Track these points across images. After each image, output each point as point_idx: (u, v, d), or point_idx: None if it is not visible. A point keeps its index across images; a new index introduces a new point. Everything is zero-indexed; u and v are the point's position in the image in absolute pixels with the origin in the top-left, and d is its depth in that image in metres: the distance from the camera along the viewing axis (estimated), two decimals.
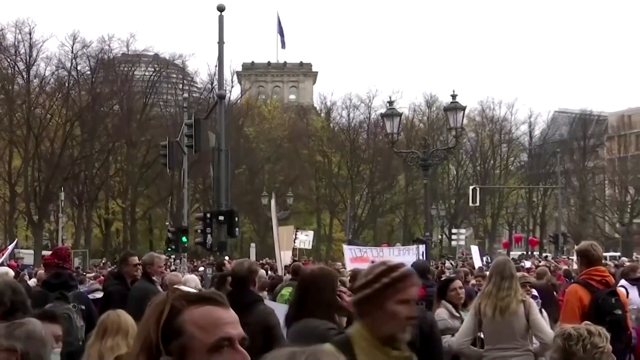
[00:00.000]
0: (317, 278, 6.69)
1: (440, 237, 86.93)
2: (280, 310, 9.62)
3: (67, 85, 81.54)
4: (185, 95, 71.69)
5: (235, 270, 9.25)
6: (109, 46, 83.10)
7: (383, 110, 36.62)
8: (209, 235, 27.64)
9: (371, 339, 4.37)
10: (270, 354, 2.11)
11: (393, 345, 4.37)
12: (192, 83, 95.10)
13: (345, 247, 30.39)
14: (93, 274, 25.11)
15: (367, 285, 4.39)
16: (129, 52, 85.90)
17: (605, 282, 9.23)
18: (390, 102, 34.97)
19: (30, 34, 77.27)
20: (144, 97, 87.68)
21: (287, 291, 14.65)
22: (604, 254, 26.23)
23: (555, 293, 15.48)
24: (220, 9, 30.20)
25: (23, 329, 4.97)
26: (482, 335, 8.70)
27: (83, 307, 10.26)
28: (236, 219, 28.94)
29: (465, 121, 41.71)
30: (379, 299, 4.36)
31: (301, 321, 6.30)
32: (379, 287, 4.33)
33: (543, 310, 11.10)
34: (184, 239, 37.45)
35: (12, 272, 13.60)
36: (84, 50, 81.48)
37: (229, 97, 70.61)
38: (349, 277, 12.34)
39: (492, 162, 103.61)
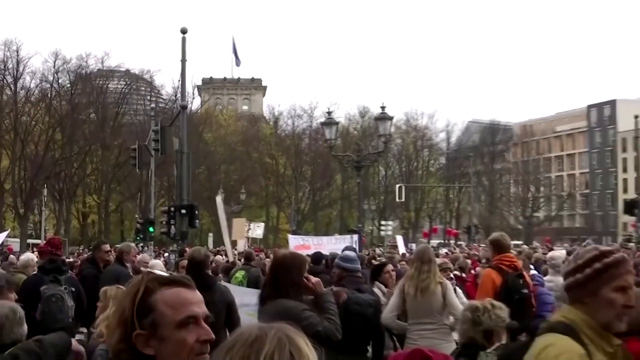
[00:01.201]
0: (288, 261, 6.66)
1: (371, 228, 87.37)
2: (234, 290, 9.59)
3: (49, 96, 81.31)
4: (153, 105, 70.99)
5: (193, 256, 9.25)
6: (86, 62, 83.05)
7: (323, 119, 36.70)
8: (172, 226, 27.56)
9: (595, 326, 3.90)
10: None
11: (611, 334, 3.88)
12: (158, 95, 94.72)
13: (290, 236, 30.39)
14: (71, 260, 24.89)
15: (578, 270, 3.95)
16: (104, 68, 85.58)
17: (513, 266, 9.39)
18: (329, 113, 35.06)
19: (17, 51, 76.90)
20: (117, 107, 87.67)
21: (240, 274, 14.68)
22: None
23: (463, 274, 15.63)
24: (183, 31, 30.26)
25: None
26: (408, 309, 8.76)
27: (73, 289, 10.26)
28: (196, 212, 28.88)
29: (392, 129, 41.87)
30: (592, 285, 3.91)
31: (276, 301, 6.27)
32: (591, 273, 3.90)
33: (457, 288, 11.20)
34: (151, 229, 37.39)
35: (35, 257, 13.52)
36: (64, 66, 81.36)
37: (191, 108, 70.48)
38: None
39: (415, 164, 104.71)
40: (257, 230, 44.64)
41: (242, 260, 18.06)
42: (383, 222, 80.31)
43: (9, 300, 6.24)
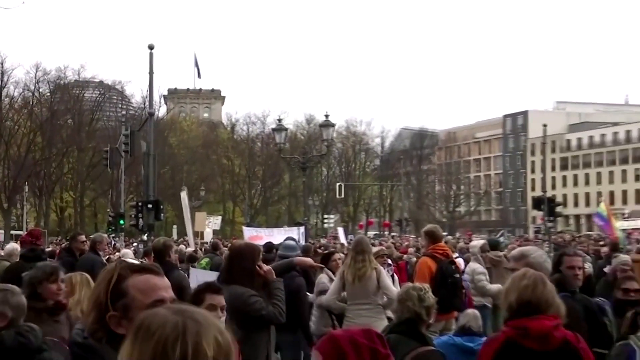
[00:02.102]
0: (244, 250, 6.71)
1: (315, 221, 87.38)
2: (201, 274, 9.60)
3: (31, 103, 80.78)
4: (123, 112, 70.59)
5: (155, 246, 9.50)
6: (64, 74, 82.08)
7: (274, 126, 36.61)
8: (140, 219, 27.55)
9: None
10: (154, 313, 2.09)
11: None
12: (128, 103, 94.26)
13: (245, 228, 30.29)
14: (50, 249, 24.60)
15: None
16: (80, 79, 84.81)
17: (446, 254, 9.57)
18: (279, 120, 35.04)
19: (2, 63, 76.05)
20: (91, 114, 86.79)
21: (204, 261, 14.88)
22: None
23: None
24: (151, 47, 30.22)
25: (15, 298, 4.88)
26: (345, 294, 8.82)
27: None
28: (161, 207, 29.06)
29: (334, 134, 41.92)
30: None
31: (230, 286, 6.24)
32: None
33: (395, 275, 11.33)
34: (121, 221, 37.13)
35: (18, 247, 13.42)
36: (45, 76, 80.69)
37: (157, 115, 69.68)
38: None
39: (353, 165, 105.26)
40: (215, 223, 44.55)
41: (210, 248, 18.35)
42: (326, 216, 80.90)
43: None
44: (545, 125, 65.33)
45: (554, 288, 4.56)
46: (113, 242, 37.46)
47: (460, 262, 13.43)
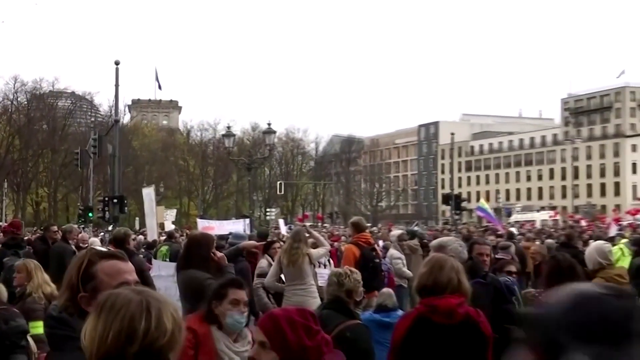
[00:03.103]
0: (200, 239, 6.71)
1: (259, 214, 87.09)
2: (162, 265, 9.55)
3: (10, 111, 79.35)
4: (92, 119, 69.34)
5: (116, 235, 9.63)
6: (40, 85, 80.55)
7: (224, 132, 36.49)
8: (106, 212, 27.53)
9: None
10: (119, 292, 2.10)
11: None
12: (97, 111, 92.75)
13: (199, 220, 30.05)
14: (26, 238, 24.06)
15: None
16: (54, 90, 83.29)
17: (368, 242, 9.60)
18: (228, 127, 35.06)
19: None
20: (64, 120, 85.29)
21: (164, 248, 14.72)
22: None
23: None
24: (117, 63, 30.03)
25: None
26: (283, 277, 8.85)
27: None
28: (125, 201, 28.94)
29: (275, 140, 42.10)
30: None
31: (188, 271, 6.24)
32: None
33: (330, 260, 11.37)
34: (90, 214, 36.54)
35: None
36: (22, 87, 79.32)
37: (122, 121, 68.55)
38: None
39: (292, 166, 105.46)
40: (171, 215, 44.13)
41: (166, 237, 18.27)
42: (268, 210, 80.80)
43: None
44: (453, 134, 66.50)
45: (456, 269, 4.61)
46: (83, 233, 37.00)
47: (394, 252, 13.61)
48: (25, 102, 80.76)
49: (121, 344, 1.92)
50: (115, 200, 27.67)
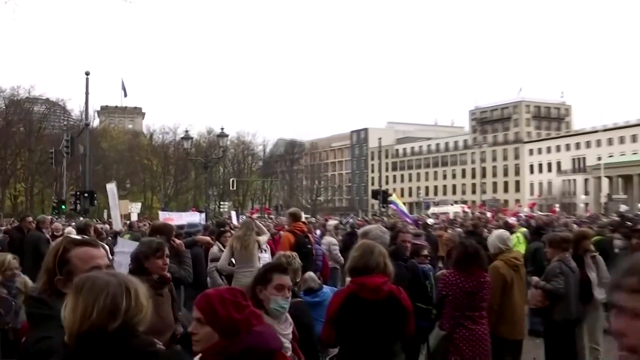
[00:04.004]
0: (161, 228, 6.72)
1: (214, 207, 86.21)
2: (126, 243, 9.35)
3: None
4: (65, 122, 67.32)
5: (78, 225, 9.94)
6: (17, 92, 78.09)
7: (183, 135, 36.09)
8: (78, 205, 27.05)
9: None
10: (97, 275, 2.11)
11: None
12: (69, 116, 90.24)
13: (160, 212, 29.68)
14: (4, 228, 23.38)
15: None
16: (30, 96, 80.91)
17: (302, 230, 9.55)
18: (187, 131, 34.61)
19: None
20: (40, 123, 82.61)
21: (127, 236, 14.38)
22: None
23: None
24: (87, 73, 29.29)
25: None
26: (233, 260, 8.81)
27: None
28: (94, 195, 28.40)
29: (228, 142, 41.82)
30: None
31: None
32: None
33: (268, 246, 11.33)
34: (63, 207, 35.75)
35: None
36: (1, 94, 77.18)
37: (92, 125, 67.17)
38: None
39: (243, 165, 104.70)
40: (136, 207, 43.42)
41: (128, 227, 18.04)
42: (222, 203, 79.97)
43: None
44: (380, 139, 66.97)
45: (383, 254, 4.69)
46: (55, 223, 36.08)
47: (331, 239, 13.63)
48: (4, 107, 78.24)
49: (105, 320, 1.92)
50: (86, 195, 27.24)
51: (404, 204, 40.56)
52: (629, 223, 18.28)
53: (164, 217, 20.46)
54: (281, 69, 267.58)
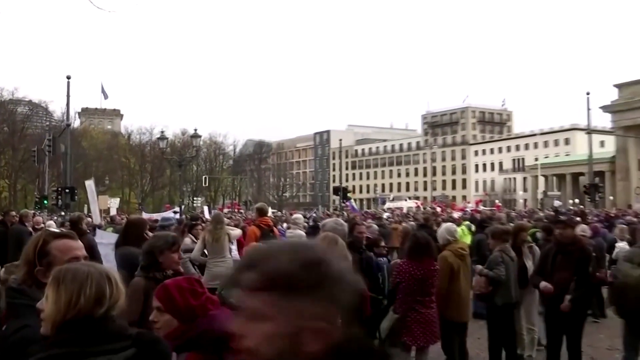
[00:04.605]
0: (136, 222, 6.61)
1: (187, 202, 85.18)
2: (105, 234, 9.22)
3: None
4: (47, 123, 65.78)
5: (71, 218, 9.57)
6: (1, 94, 76.18)
7: (159, 136, 35.65)
8: (59, 200, 26.43)
9: None
10: (77, 265, 2.08)
11: None
12: (51, 117, 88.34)
13: (144, 214, 29.29)
14: None
15: None
16: (14, 98, 79.02)
17: (267, 224, 9.47)
18: (162, 132, 34.36)
19: None
20: (23, 124, 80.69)
21: (109, 228, 14.24)
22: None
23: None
24: (68, 77, 28.60)
25: None
26: (206, 251, 8.74)
27: None
28: (75, 191, 27.86)
29: (201, 142, 41.50)
30: None
31: (125, 247, 6.11)
32: None
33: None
34: (45, 202, 34.78)
35: None
36: None
37: (73, 126, 65.79)
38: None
39: (214, 163, 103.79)
40: (115, 202, 42.83)
41: (110, 220, 17.74)
42: (195, 198, 79.24)
43: None
44: (341, 140, 67.06)
45: (344, 245, 4.70)
46: (38, 217, 35.28)
47: (280, 229, 13.55)
48: None
49: (91, 306, 1.89)
50: (67, 191, 26.75)
51: (362, 200, 40.75)
52: (562, 217, 18.69)
53: (147, 217, 20.26)
54: (251, 76, 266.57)
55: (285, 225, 15.29)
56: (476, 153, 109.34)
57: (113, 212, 30.74)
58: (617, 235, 11.65)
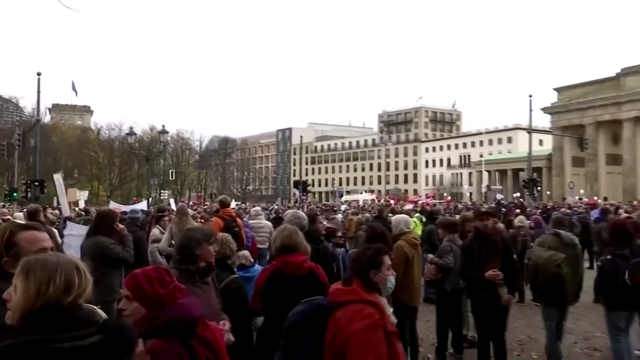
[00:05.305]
0: (107, 214, 6.48)
1: (155, 194, 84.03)
2: (75, 226, 8.96)
3: None
4: (18, 118, 63.65)
5: (28, 210, 9.12)
6: None
7: (127, 131, 34.90)
8: (29, 193, 25.83)
9: None
10: (45, 256, 2.02)
11: None
12: (22, 112, 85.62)
13: (112, 203, 28.60)
14: None
15: None
16: None
17: (230, 215, 9.38)
18: (131, 128, 33.57)
19: None
20: None
21: (80, 219, 13.87)
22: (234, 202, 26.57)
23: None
24: (39, 74, 27.60)
25: None
26: (173, 242, 8.59)
27: None
28: (44, 184, 27.11)
29: (168, 138, 40.83)
30: None
31: (96, 237, 6.04)
32: None
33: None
34: (15, 194, 33.79)
35: None
36: None
37: (44, 121, 64.00)
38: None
39: (181, 158, 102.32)
40: (84, 195, 41.82)
41: (83, 212, 17.31)
42: (162, 191, 78.19)
43: None
44: (302, 137, 67.08)
45: (302, 235, 4.69)
46: (6, 210, 34.17)
47: (245, 220, 13.46)
48: None
49: (60, 295, 1.84)
50: (36, 184, 26.08)
51: (321, 193, 40.85)
52: (503, 209, 19.08)
53: (115, 207, 19.77)
54: (217, 75, 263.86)
55: (247, 217, 15.14)
56: (427, 150, 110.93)
57: (82, 204, 29.92)
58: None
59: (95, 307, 1.96)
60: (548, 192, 64.86)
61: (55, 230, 9.46)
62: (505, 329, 6.44)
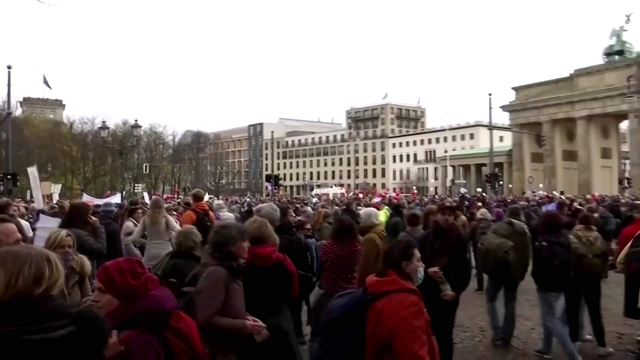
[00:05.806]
0: (80, 206, 6.38)
1: (128, 188, 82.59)
2: (48, 219, 8.79)
3: None
4: None
5: None
6: None
7: (100, 125, 34.33)
8: (1, 186, 25.18)
9: None
10: (17, 248, 1.98)
11: None
12: None
13: (85, 196, 28.08)
14: None
15: None
16: None
17: (203, 209, 9.29)
18: (104, 122, 33.00)
19: None
20: None
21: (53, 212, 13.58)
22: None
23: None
24: (9, 67, 26.88)
25: None
26: (146, 233, 8.50)
27: None
28: (17, 177, 26.58)
29: (142, 132, 40.23)
30: None
31: (70, 229, 5.85)
32: None
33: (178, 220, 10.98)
34: None
35: None
36: None
37: (15, 114, 62.03)
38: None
39: (155, 152, 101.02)
40: (57, 188, 40.87)
41: (59, 208, 16.83)
42: (136, 185, 76.69)
43: None
44: (273, 132, 66.82)
45: (272, 227, 4.69)
46: None
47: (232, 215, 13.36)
48: None
49: (30, 286, 1.80)
50: (9, 177, 25.46)
51: (292, 187, 40.76)
52: (466, 202, 19.36)
53: (87, 199, 19.35)
54: (190, 70, 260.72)
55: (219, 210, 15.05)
56: (394, 145, 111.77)
57: (56, 197, 29.21)
58: None
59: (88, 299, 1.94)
60: (510, 186, 66.10)
61: (27, 223, 9.23)
62: (452, 326, 6.03)
